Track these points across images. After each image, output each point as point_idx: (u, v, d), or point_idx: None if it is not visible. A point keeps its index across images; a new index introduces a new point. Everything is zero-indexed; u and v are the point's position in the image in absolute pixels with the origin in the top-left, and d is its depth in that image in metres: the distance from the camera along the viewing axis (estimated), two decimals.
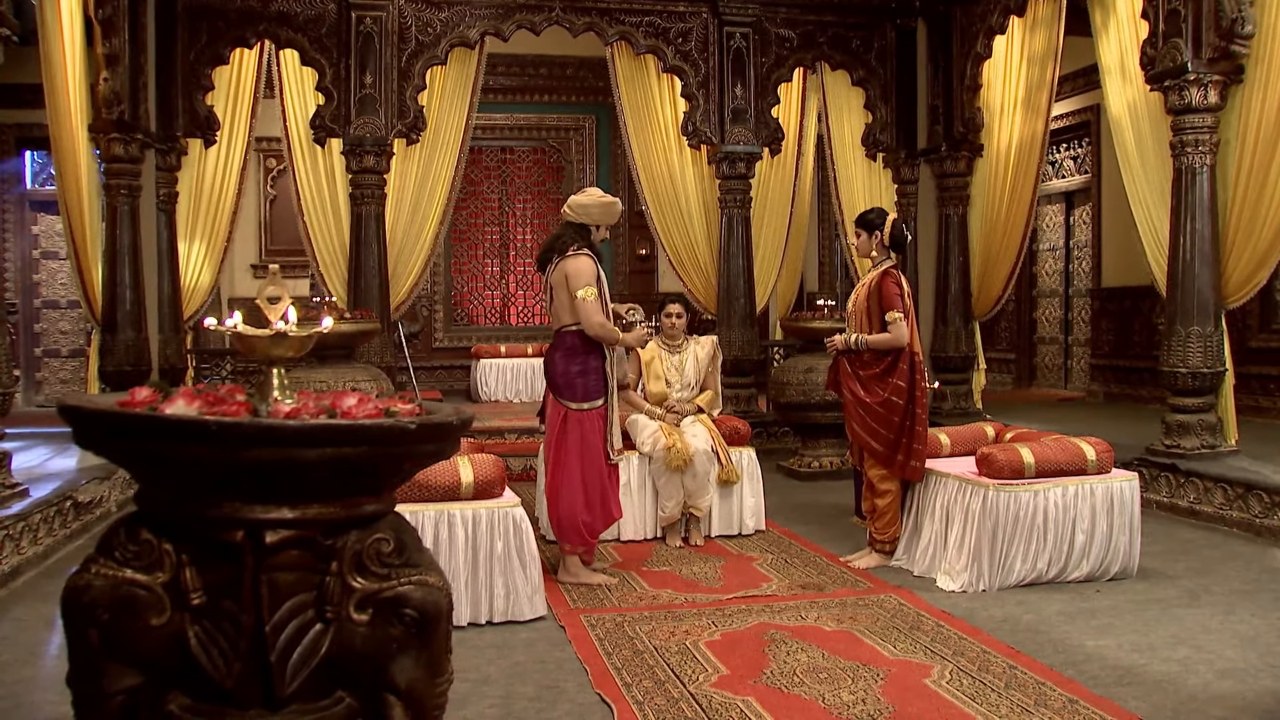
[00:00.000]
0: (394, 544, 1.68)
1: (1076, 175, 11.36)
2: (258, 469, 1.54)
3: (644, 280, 13.28)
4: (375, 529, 1.68)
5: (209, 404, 1.59)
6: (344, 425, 1.56)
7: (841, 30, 9.37)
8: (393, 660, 1.65)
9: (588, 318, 4.90)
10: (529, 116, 12.98)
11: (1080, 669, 3.77)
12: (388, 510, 1.72)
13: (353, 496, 1.64)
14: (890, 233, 5.24)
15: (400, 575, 1.67)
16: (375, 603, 1.65)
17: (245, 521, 1.57)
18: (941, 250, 9.24)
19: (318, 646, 1.62)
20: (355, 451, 1.59)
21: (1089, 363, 11.04)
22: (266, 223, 12.28)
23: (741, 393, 9.42)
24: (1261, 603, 4.57)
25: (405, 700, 1.64)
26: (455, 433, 1.73)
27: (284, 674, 1.60)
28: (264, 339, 1.80)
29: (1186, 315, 6.35)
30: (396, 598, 1.65)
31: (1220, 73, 6.20)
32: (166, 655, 1.58)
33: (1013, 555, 4.81)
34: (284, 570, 1.61)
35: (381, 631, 1.65)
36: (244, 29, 8.40)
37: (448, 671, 1.74)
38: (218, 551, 1.59)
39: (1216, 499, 6.06)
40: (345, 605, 1.64)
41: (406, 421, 1.61)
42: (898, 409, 5.09)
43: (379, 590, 1.66)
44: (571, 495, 5.01)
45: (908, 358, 5.13)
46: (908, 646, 4.00)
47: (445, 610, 1.70)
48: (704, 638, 4.13)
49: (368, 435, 1.59)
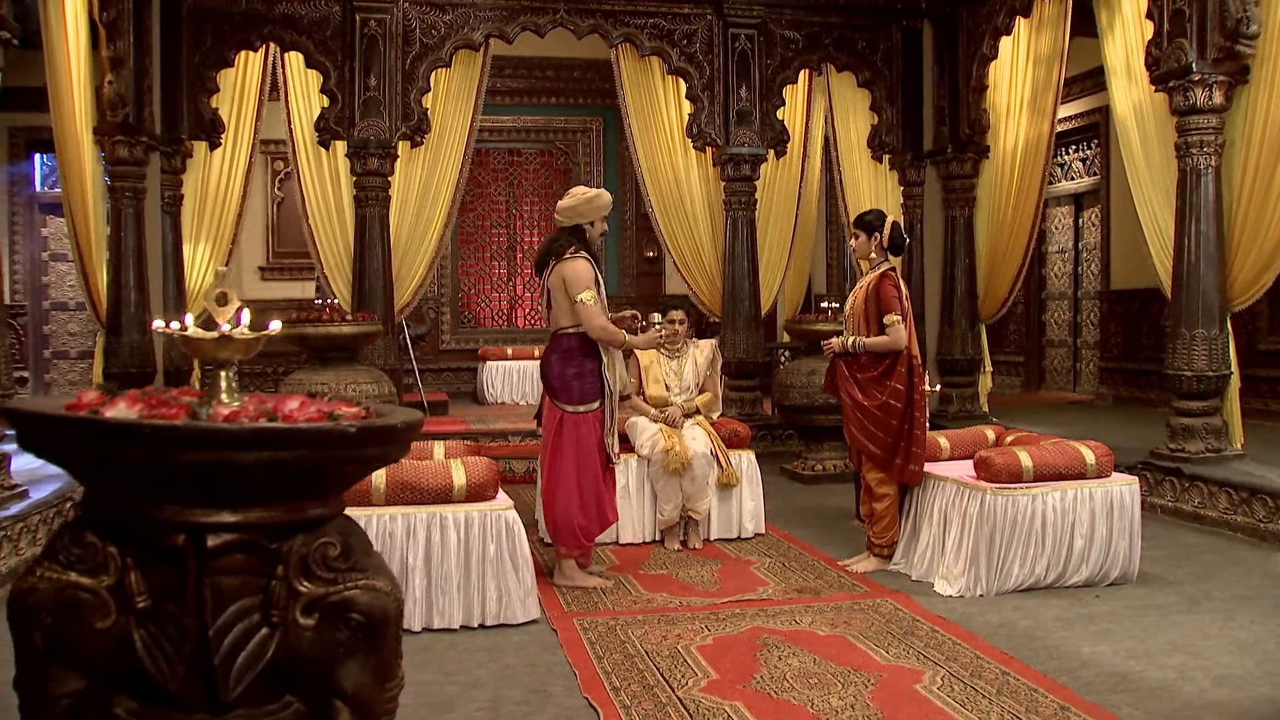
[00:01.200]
0: (341, 548, 1.67)
1: (1085, 177, 11.29)
2: (195, 472, 1.53)
3: (651, 282, 13.26)
4: (322, 533, 1.67)
5: (150, 407, 1.58)
6: (281, 428, 1.55)
7: (847, 32, 9.34)
8: (340, 665, 1.64)
9: (589, 321, 4.88)
10: (536, 119, 12.98)
11: (1074, 675, 3.73)
12: (335, 514, 1.71)
13: (296, 500, 1.63)
14: (889, 235, 5.21)
15: (347, 579, 1.66)
16: (322, 607, 1.64)
17: (186, 525, 1.56)
18: (947, 252, 9.20)
19: (263, 650, 1.61)
20: (293, 455, 1.58)
21: (1098, 366, 10.96)
22: (273, 225, 12.31)
23: (746, 395, 9.39)
24: (1262, 609, 4.52)
25: (353, 705, 1.62)
26: (400, 436, 1.71)
27: (228, 678, 1.59)
28: (209, 341, 1.79)
29: (1191, 318, 6.30)
30: (343, 602, 1.64)
31: (1225, 73, 6.14)
32: (112, 659, 1.57)
33: (1010, 560, 4.77)
34: (228, 574, 1.60)
35: (328, 636, 1.63)
36: (249, 32, 8.42)
37: (398, 676, 1.73)
38: (162, 555, 1.58)
39: (1221, 503, 6.01)
40: (291, 609, 1.63)
41: (346, 425, 1.60)
42: (896, 412, 5.06)
43: (325, 594, 1.64)
44: (567, 498, 5.00)
45: (906, 361, 5.09)
46: (900, 651, 3.97)
47: (394, 615, 1.69)
48: (696, 642, 4.11)
49: (306, 439, 1.58)
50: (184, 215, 8.54)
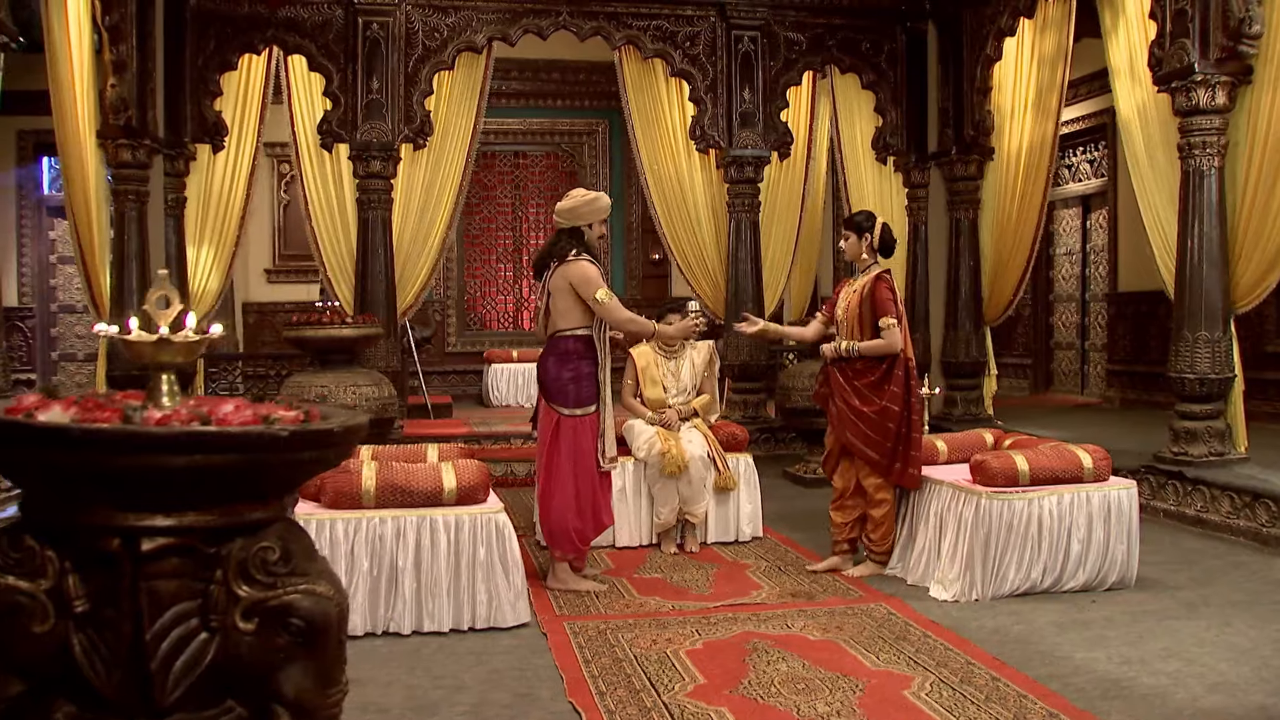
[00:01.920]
0: (280, 552, 1.66)
1: (1093, 179, 11.22)
2: (127, 476, 1.52)
3: (657, 285, 13.25)
4: (261, 537, 1.65)
5: (85, 411, 1.58)
6: (210, 432, 1.54)
7: (851, 33, 9.30)
8: (280, 670, 1.63)
9: (613, 315, 4.91)
10: (542, 121, 12.99)
11: (1066, 682, 3.69)
12: (276, 518, 1.69)
13: (233, 504, 1.62)
14: (880, 235, 5.16)
15: (287, 584, 1.65)
16: (261, 611, 1.63)
17: (120, 529, 1.55)
18: (952, 255, 9.15)
19: (202, 655, 1.60)
20: (225, 459, 1.57)
21: (1105, 368, 10.89)
22: (280, 228, 12.35)
23: (750, 398, 9.37)
24: (1260, 615, 4.46)
25: (294, 710, 1.61)
26: (338, 440, 1.70)
27: (165, 683, 1.58)
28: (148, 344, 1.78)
29: (1194, 320, 6.24)
30: (282, 607, 1.63)
31: (1228, 73, 6.09)
32: (50, 663, 1.56)
33: (1006, 564, 4.73)
34: (165, 578, 1.59)
35: (268, 641, 1.62)
36: (252, 35, 8.44)
37: (341, 682, 1.71)
38: (100, 559, 1.57)
39: (1223, 507, 5.95)
40: (231, 614, 1.62)
41: (279, 429, 1.59)
42: (894, 416, 5.02)
43: (265, 599, 1.63)
44: (563, 501, 4.98)
45: (902, 364, 5.05)
46: (891, 657, 3.94)
47: (335, 620, 1.67)
48: (686, 646, 4.08)
49: (237, 442, 1.56)
50: (187, 218, 8.56)
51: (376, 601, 4.27)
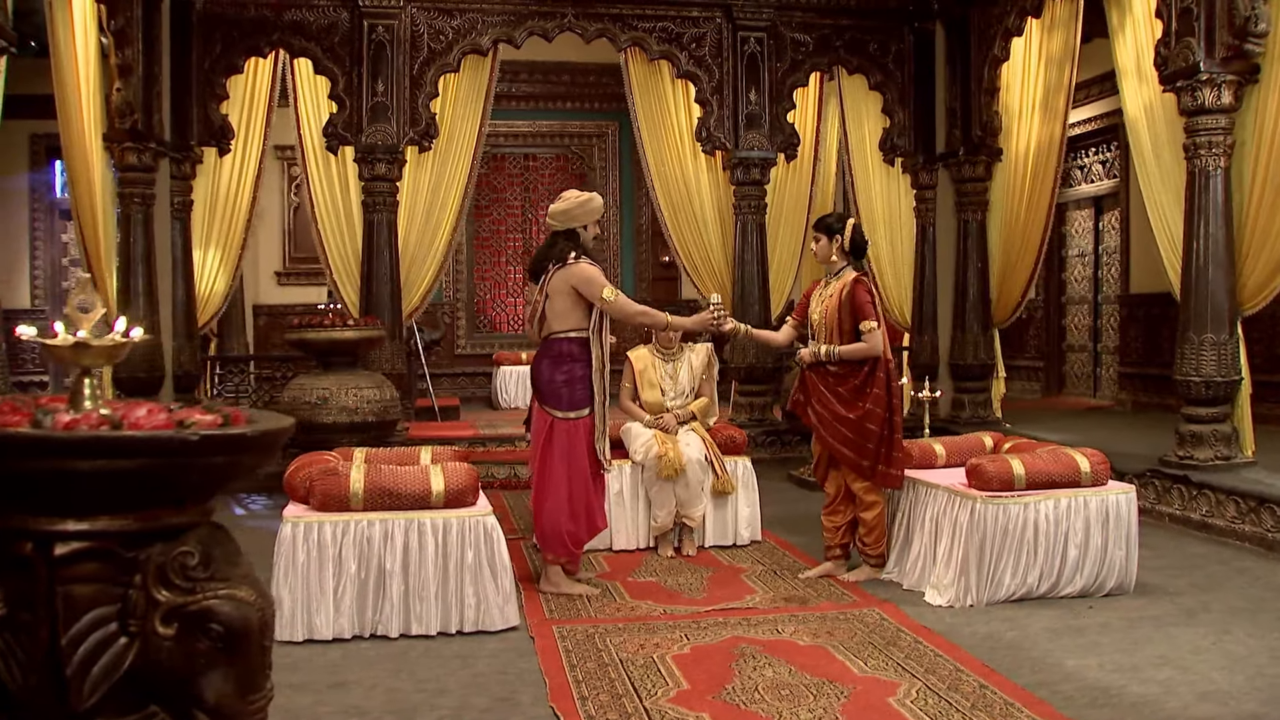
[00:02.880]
0: (200, 557, 1.64)
1: (1105, 180, 11.12)
2: (36, 480, 1.51)
3: (667, 287, 13.22)
4: (181, 541, 1.64)
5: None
6: (116, 437, 1.53)
7: (858, 34, 9.25)
8: (201, 675, 1.62)
9: (624, 310, 4.96)
10: (552, 123, 12.99)
11: (1054, 689, 3.63)
12: (196, 522, 1.68)
13: (148, 509, 1.61)
14: (850, 237, 5.11)
15: (206, 589, 1.63)
16: (181, 617, 1.62)
17: (33, 533, 1.55)
18: (960, 256, 9.08)
19: (121, 660, 1.59)
20: (132, 463, 1.55)
21: (1118, 371, 10.78)
22: (290, 230, 12.40)
23: (756, 400, 9.33)
24: (1261, 622, 4.39)
25: (214, 717, 1.59)
26: (254, 444, 1.68)
27: (81, 687, 1.57)
28: (66, 348, 1.77)
29: (1200, 322, 6.16)
30: (202, 612, 1.62)
31: (1234, 72, 6.00)
32: None
33: (1001, 569, 4.67)
34: (81, 582, 1.58)
35: (188, 646, 1.61)
36: (258, 38, 8.47)
37: (264, 688, 1.70)
38: (14, 563, 1.56)
39: (1229, 512, 5.87)
40: (150, 619, 1.61)
41: (188, 434, 1.57)
42: (878, 419, 4.96)
43: (184, 604, 1.62)
44: (556, 505, 4.96)
45: (884, 367, 5.01)
46: (879, 663, 3.89)
47: (257, 626, 1.66)
48: (673, 651, 4.05)
49: (145, 447, 1.55)
50: (194, 221, 8.59)
51: (364, 604, 4.26)
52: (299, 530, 4.23)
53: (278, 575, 4.21)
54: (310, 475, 4.37)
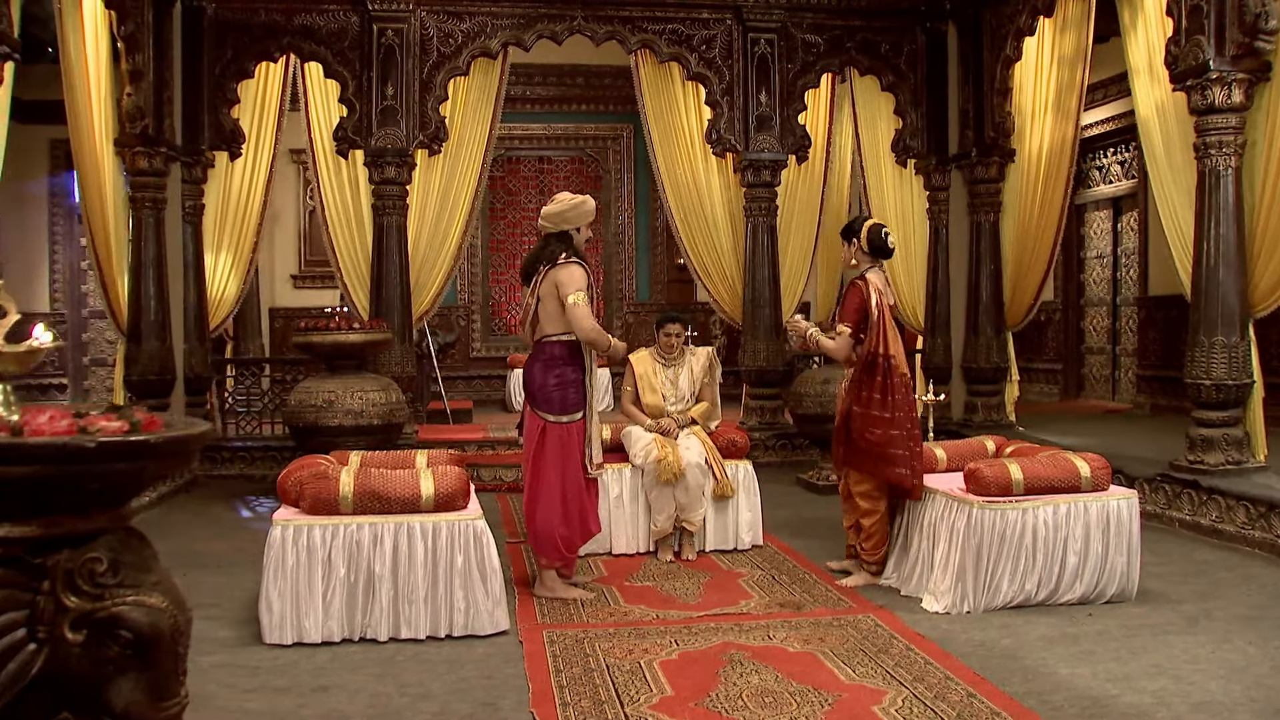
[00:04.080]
0: (108, 563, 1.63)
1: (1124, 180, 10.98)
2: None
3: (682, 290, 13.18)
4: (90, 548, 1.63)
5: None
6: (10, 443, 1.51)
7: (870, 34, 9.18)
8: (110, 682, 1.61)
9: (579, 322, 4.82)
10: (566, 126, 12.99)
11: (1043, 699, 3.57)
12: (106, 528, 1.67)
13: (52, 515, 1.60)
14: (866, 237, 5.08)
15: (115, 595, 1.63)
16: (89, 623, 1.61)
17: None
18: (973, 258, 8.99)
19: (29, 667, 1.58)
20: (29, 470, 1.55)
21: (1136, 373, 10.64)
22: (305, 234, 12.46)
23: (766, 404, 9.28)
24: (1263, 630, 4.30)
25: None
26: (156, 451, 1.67)
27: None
28: None
29: (1210, 324, 6.06)
30: (111, 618, 1.61)
31: (1245, 71, 5.91)
32: None
33: (999, 576, 4.61)
34: None
35: (98, 653, 1.60)
36: (268, 43, 8.51)
37: (178, 695, 1.68)
38: None
39: (1239, 518, 5.76)
40: (59, 625, 1.60)
41: (85, 440, 1.56)
42: (876, 420, 4.93)
43: (93, 610, 1.61)
44: (549, 509, 4.94)
45: (881, 367, 4.94)
46: (868, 671, 3.84)
47: (168, 632, 1.64)
48: (661, 656, 4.02)
49: (39, 454, 1.54)
50: (205, 225, 8.65)
51: (354, 608, 4.26)
52: (288, 533, 4.24)
53: (267, 578, 4.22)
54: (301, 479, 4.38)
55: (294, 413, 7.18)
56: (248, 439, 8.80)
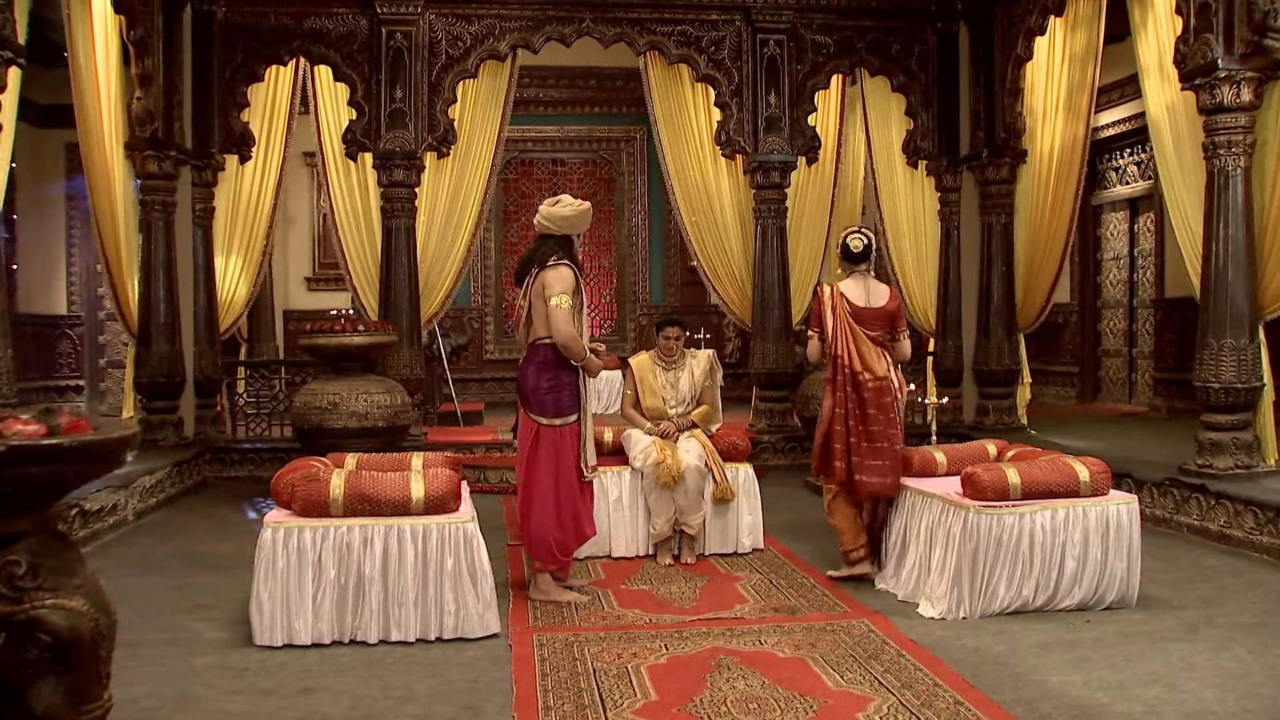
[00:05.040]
0: (27, 566, 1.63)
1: (1140, 181, 10.85)
2: None
3: (695, 292, 13.13)
4: (9, 551, 1.63)
5: None
6: None
7: (880, 35, 9.13)
8: (30, 685, 1.60)
9: (558, 325, 4.80)
10: (579, 128, 12.99)
11: (1032, 707, 3.52)
12: (29, 531, 1.66)
13: None
14: (839, 245, 5.31)
15: (35, 599, 1.62)
16: (9, 626, 1.61)
17: None
18: (984, 260, 8.92)
19: None
20: None
21: (1153, 376, 10.51)
22: (319, 236, 12.52)
23: (776, 406, 9.23)
24: (1264, 638, 4.22)
25: None
26: (70, 456, 1.66)
27: None
28: None
29: (1219, 327, 5.98)
30: (29, 621, 1.61)
31: (1254, 69, 5.83)
32: None
33: (996, 581, 4.55)
34: None
35: (17, 656, 1.60)
36: (278, 46, 8.56)
37: (100, 698, 1.68)
38: None
39: (1247, 523, 5.67)
40: None
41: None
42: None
43: (12, 613, 1.61)
44: (543, 512, 4.93)
45: (836, 367, 5.11)
46: (857, 677, 3.80)
47: (88, 636, 1.64)
48: (649, 661, 3.99)
49: None
50: (216, 228, 8.70)
51: (344, 610, 4.26)
52: (279, 535, 4.24)
53: (257, 580, 4.23)
54: (293, 481, 4.39)
55: (299, 415, 7.21)
56: (257, 441, 8.84)
